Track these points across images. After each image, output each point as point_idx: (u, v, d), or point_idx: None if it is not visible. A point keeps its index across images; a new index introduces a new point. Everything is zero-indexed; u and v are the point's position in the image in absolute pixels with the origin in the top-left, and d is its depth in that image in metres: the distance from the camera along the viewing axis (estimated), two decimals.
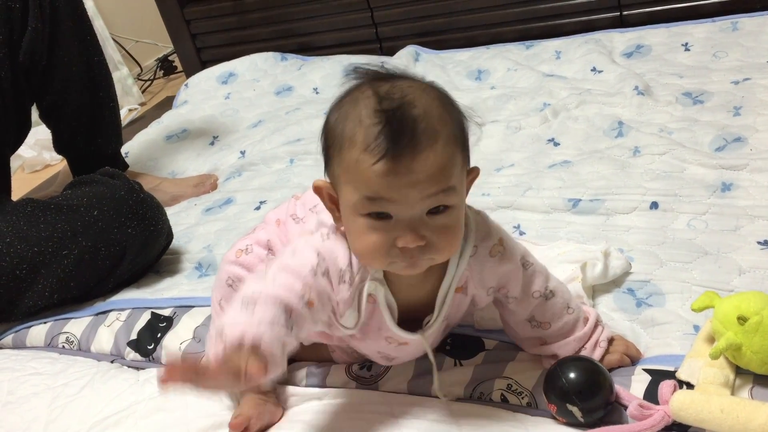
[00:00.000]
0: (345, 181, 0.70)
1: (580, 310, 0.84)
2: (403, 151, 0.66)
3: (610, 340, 0.85)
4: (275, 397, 0.89)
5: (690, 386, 0.78)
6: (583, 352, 0.83)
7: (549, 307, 0.83)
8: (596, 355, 0.83)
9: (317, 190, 0.75)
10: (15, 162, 2.12)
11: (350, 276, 0.76)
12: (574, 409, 0.77)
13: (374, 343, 0.82)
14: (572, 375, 0.78)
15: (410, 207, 0.68)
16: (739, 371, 0.78)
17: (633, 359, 0.85)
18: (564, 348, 0.83)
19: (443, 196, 0.69)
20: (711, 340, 0.80)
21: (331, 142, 0.71)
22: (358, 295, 0.77)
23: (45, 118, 1.48)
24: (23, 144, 1.46)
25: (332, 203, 0.75)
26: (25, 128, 1.43)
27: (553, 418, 0.80)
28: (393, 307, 0.78)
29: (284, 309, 0.71)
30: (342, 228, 0.76)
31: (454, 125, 0.70)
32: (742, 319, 0.75)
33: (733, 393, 0.76)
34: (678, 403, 0.74)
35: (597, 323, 0.85)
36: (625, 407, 0.77)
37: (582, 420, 0.77)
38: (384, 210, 0.69)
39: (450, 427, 0.81)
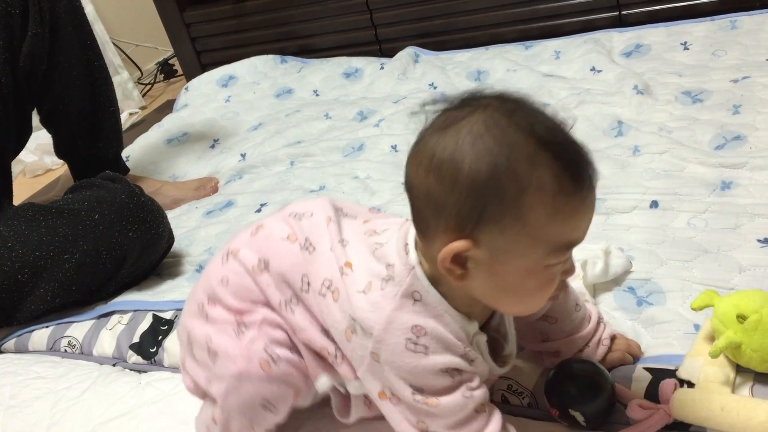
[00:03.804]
0: (527, 236, 0.60)
1: (585, 308, 0.84)
2: (590, 177, 0.62)
3: (612, 338, 0.85)
4: None
5: (691, 385, 0.78)
6: (586, 351, 0.82)
7: (560, 302, 0.81)
8: (599, 354, 0.83)
9: (448, 259, 0.62)
10: (16, 167, 2.13)
11: (467, 340, 0.68)
12: (577, 414, 0.77)
13: None
14: (574, 380, 0.78)
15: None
16: (739, 369, 0.78)
17: (635, 357, 0.84)
18: (568, 345, 0.82)
19: None
20: (711, 338, 0.80)
21: (491, 194, 0.59)
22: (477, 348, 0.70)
23: (45, 123, 1.48)
24: (24, 149, 1.46)
25: (456, 264, 0.63)
26: (25, 133, 1.43)
27: (554, 420, 0.80)
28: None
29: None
30: (463, 284, 0.64)
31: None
32: (741, 318, 0.75)
33: (733, 391, 0.76)
34: (679, 402, 0.74)
35: (599, 321, 0.85)
36: (626, 406, 0.77)
37: (585, 425, 0.77)
38: (571, 249, 0.64)
39: None
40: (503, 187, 0.59)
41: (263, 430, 0.77)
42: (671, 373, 0.80)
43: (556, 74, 1.67)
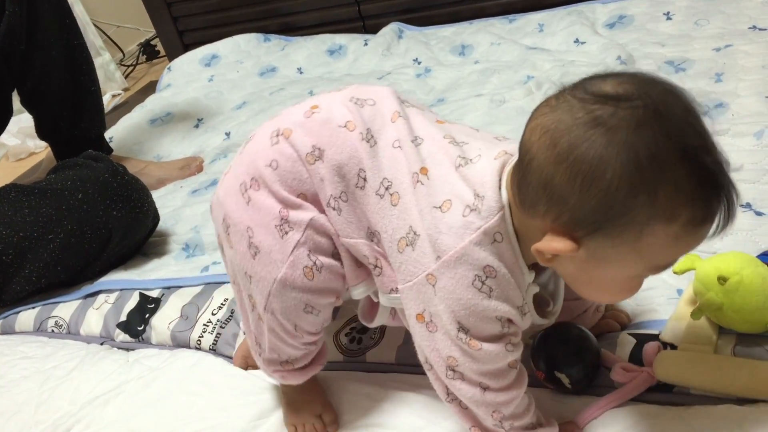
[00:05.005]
0: (635, 256, 0.58)
1: None
2: (727, 211, 0.58)
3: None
4: None
5: (673, 347, 0.78)
6: (584, 315, 0.83)
7: None
8: (595, 320, 0.84)
9: (541, 253, 0.61)
10: None
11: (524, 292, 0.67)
12: (562, 377, 0.77)
13: None
14: (560, 343, 0.79)
15: None
16: (721, 331, 0.79)
17: (622, 325, 0.85)
18: (571, 308, 0.81)
19: None
20: (693, 302, 0.81)
21: (621, 211, 0.56)
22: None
23: (26, 105, 1.47)
24: (7, 132, 1.45)
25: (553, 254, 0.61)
26: (6, 115, 1.42)
27: (541, 384, 0.81)
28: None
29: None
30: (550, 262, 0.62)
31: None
32: (722, 279, 0.75)
33: (715, 352, 0.77)
34: (662, 364, 0.75)
35: None
36: (610, 370, 0.78)
37: (570, 387, 0.78)
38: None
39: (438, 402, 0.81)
40: (637, 208, 0.55)
41: (307, 332, 0.74)
42: (654, 337, 0.81)
43: (540, 47, 1.67)
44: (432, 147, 0.67)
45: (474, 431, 0.71)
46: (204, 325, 1.01)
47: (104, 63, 2.39)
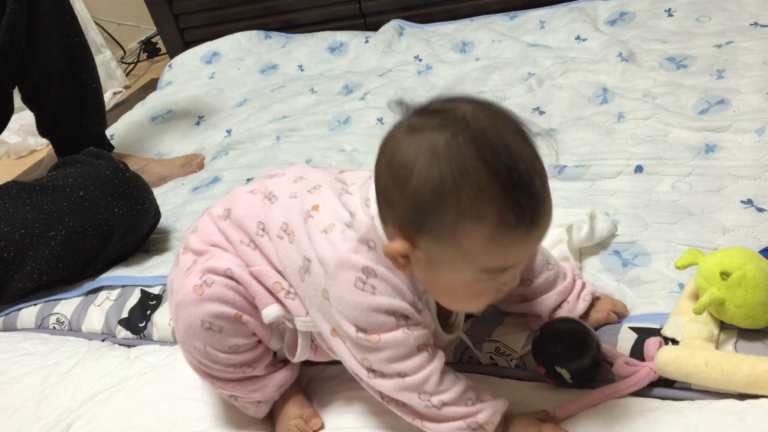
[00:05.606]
0: (460, 256, 0.63)
1: (559, 265, 0.85)
2: (536, 216, 0.62)
3: (596, 299, 0.85)
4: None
5: (675, 342, 0.78)
6: (565, 306, 0.83)
7: (531, 263, 0.81)
8: (579, 309, 0.83)
9: (392, 256, 0.67)
10: (0, 149, 2.12)
11: (417, 293, 0.72)
12: (563, 372, 0.77)
13: None
14: (560, 337, 0.79)
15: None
16: (723, 326, 0.79)
17: (620, 316, 0.85)
18: (545, 302, 0.83)
19: None
20: (695, 297, 0.81)
21: (432, 211, 0.62)
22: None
23: (28, 102, 1.47)
24: (8, 130, 1.45)
25: (402, 257, 0.67)
26: (7, 113, 1.42)
27: (542, 379, 0.81)
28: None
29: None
30: (406, 271, 0.69)
31: (537, 152, 0.64)
32: (724, 275, 0.75)
33: (717, 347, 0.77)
34: (663, 359, 0.75)
35: (575, 278, 0.85)
36: (611, 364, 0.78)
37: (571, 382, 0.78)
38: (507, 271, 0.67)
39: None
40: (443, 208, 0.61)
41: (228, 356, 0.77)
42: (656, 332, 0.81)
43: (541, 44, 1.67)
44: (325, 189, 0.75)
45: (417, 422, 0.73)
46: None
47: (105, 60, 2.39)
